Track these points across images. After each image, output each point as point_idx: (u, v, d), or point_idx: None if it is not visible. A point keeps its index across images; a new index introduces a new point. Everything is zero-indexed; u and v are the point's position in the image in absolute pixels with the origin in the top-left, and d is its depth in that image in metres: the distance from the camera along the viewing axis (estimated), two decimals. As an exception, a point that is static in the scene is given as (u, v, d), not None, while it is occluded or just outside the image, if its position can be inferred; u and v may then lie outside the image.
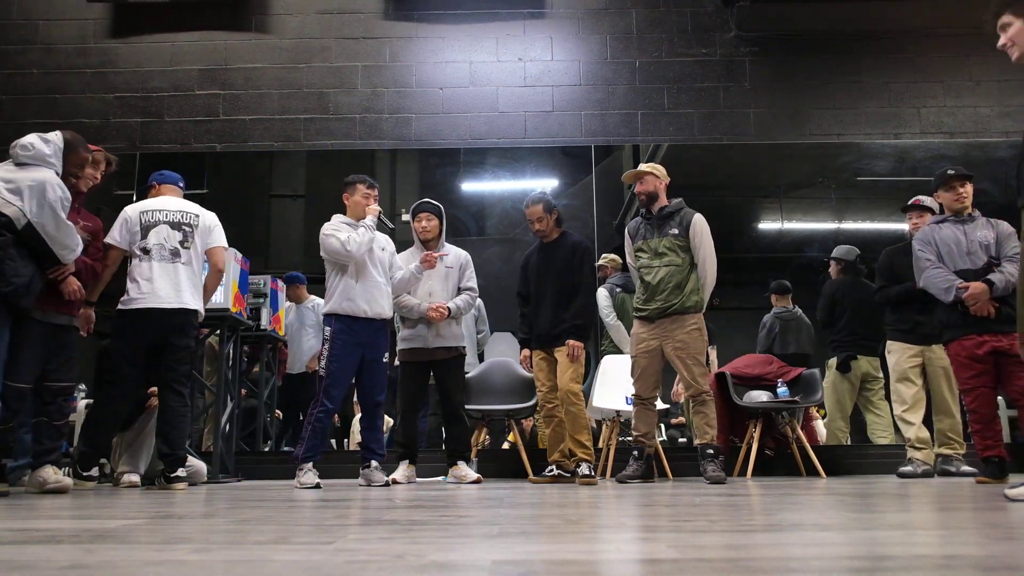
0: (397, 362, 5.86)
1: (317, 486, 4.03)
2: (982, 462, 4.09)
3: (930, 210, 5.00)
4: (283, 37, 6.92)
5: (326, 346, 4.27)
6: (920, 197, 5.10)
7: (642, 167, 4.58)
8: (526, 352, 4.72)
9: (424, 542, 1.60)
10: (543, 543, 1.60)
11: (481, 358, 5.89)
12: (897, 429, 5.09)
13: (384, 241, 4.55)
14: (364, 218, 4.39)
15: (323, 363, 4.26)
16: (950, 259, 4.25)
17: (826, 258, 6.00)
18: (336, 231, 4.29)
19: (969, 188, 4.35)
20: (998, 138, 6.66)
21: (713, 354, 6.13)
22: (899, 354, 4.89)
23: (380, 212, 4.46)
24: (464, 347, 4.84)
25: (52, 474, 3.76)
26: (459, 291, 4.82)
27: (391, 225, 4.62)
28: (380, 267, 4.42)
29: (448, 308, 4.65)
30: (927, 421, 4.87)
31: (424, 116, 6.80)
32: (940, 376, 4.82)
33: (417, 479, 4.74)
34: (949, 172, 4.40)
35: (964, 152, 6.61)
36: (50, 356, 3.81)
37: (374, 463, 4.30)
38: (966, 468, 4.67)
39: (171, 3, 6.80)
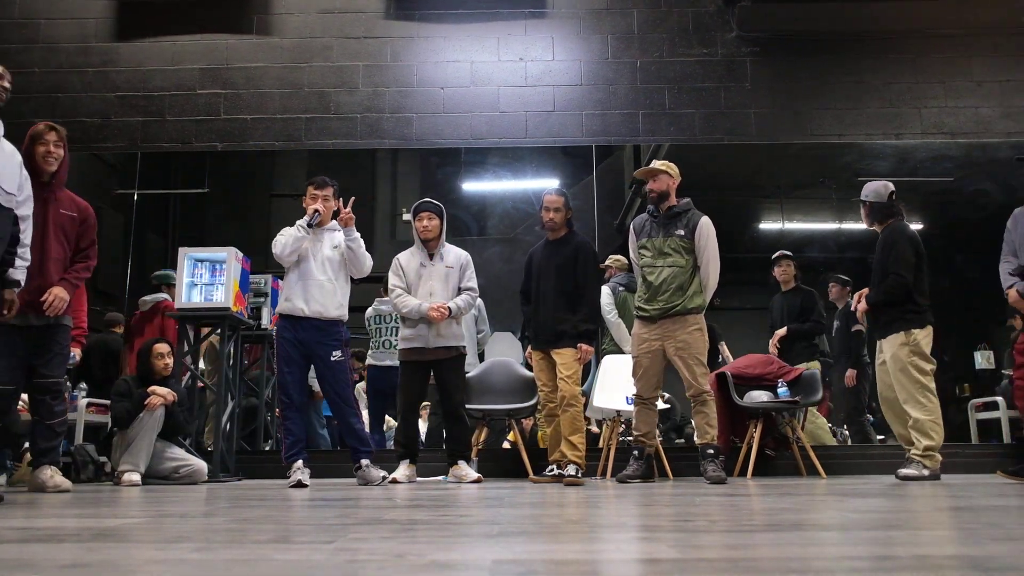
0: (367, 363, 5.92)
1: (299, 484, 4.02)
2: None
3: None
4: (284, 37, 6.92)
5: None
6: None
7: (656, 164, 4.52)
8: (530, 351, 4.71)
9: (424, 542, 1.60)
10: (544, 543, 1.61)
11: (481, 358, 5.89)
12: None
13: (340, 240, 4.48)
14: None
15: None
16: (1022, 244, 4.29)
17: (775, 258, 6.07)
18: (279, 236, 4.35)
19: None
20: (1000, 139, 6.65)
21: (726, 350, 6.15)
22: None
23: (316, 211, 4.35)
24: (464, 347, 4.83)
25: (50, 476, 3.75)
26: (459, 291, 4.81)
27: (311, 224, 4.39)
28: (327, 266, 4.39)
29: (448, 308, 4.64)
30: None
31: (425, 116, 6.79)
32: (889, 370, 4.50)
33: (417, 479, 4.74)
34: None
35: (965, 152, 6.61)
36: (36, 355, 3.80)
37: (364, 461, 4.29)
38: (906, 471, 4.35)
39: (172, 2, 6.80)
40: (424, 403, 5.73)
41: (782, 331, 5.76)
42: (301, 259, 4.36)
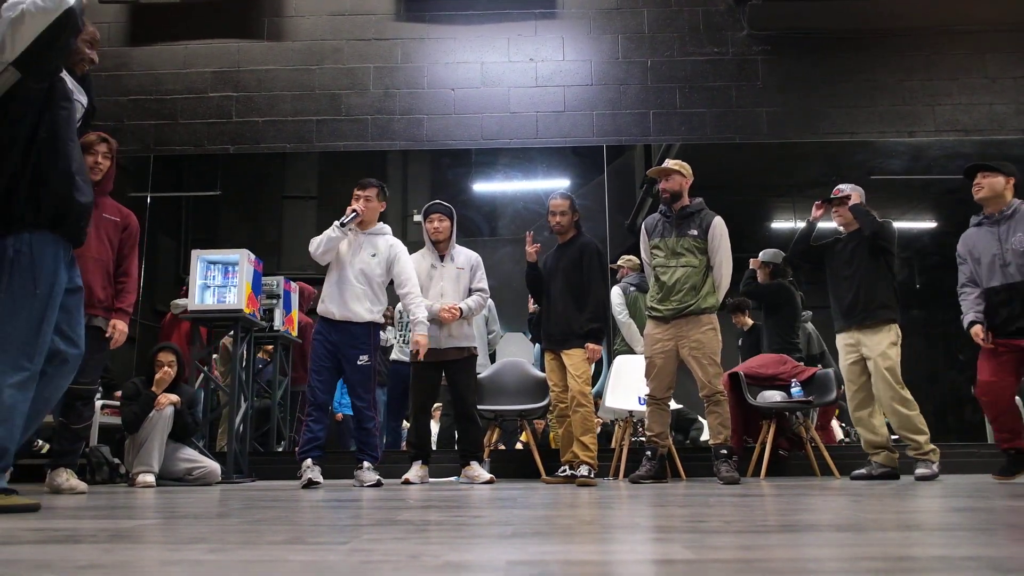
0: (400, 359, 5.90)
1: (309, 483, 4.06)
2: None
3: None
4: (295, 39, 6.95)
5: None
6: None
7: (669, 163, 4.51)
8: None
9: (438, 542, 1.60)
10: (557, 544, 1.60)
11: (493, 358, 5.89)
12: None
13: (385, 246, 4.45)
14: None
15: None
16: (988, 272, 4.15)
17: (753, 260, 5.96)
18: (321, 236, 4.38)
19: (990, 180, 4.20)
20: (1014, 135, 6.60)
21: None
22: (839, 346, 4.73)
23: (356, 212, 4.34)
24: (475, 347, 4.84)
25: (66, 478, 3.79)
26: (470, 292, 4.82)
27: (344, 224, 4.34)
28: (364, 272, 4.36)
29: (460, 309, 4.65)
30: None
31: (436, 117, 6.80)
32: (872, 367, 4.51)
33: (429, 480, 4.74)
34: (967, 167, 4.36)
35: (979, 150, 6.54)
36: None
37: (366, 464, 4.29)
38: (921, 471, 4.41)
39: (184, 5, 6.84)
40: (436, 404, 5.73)
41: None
42: (340, 262, 4.37)
